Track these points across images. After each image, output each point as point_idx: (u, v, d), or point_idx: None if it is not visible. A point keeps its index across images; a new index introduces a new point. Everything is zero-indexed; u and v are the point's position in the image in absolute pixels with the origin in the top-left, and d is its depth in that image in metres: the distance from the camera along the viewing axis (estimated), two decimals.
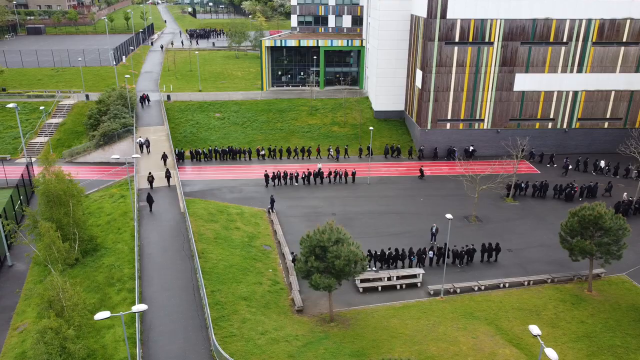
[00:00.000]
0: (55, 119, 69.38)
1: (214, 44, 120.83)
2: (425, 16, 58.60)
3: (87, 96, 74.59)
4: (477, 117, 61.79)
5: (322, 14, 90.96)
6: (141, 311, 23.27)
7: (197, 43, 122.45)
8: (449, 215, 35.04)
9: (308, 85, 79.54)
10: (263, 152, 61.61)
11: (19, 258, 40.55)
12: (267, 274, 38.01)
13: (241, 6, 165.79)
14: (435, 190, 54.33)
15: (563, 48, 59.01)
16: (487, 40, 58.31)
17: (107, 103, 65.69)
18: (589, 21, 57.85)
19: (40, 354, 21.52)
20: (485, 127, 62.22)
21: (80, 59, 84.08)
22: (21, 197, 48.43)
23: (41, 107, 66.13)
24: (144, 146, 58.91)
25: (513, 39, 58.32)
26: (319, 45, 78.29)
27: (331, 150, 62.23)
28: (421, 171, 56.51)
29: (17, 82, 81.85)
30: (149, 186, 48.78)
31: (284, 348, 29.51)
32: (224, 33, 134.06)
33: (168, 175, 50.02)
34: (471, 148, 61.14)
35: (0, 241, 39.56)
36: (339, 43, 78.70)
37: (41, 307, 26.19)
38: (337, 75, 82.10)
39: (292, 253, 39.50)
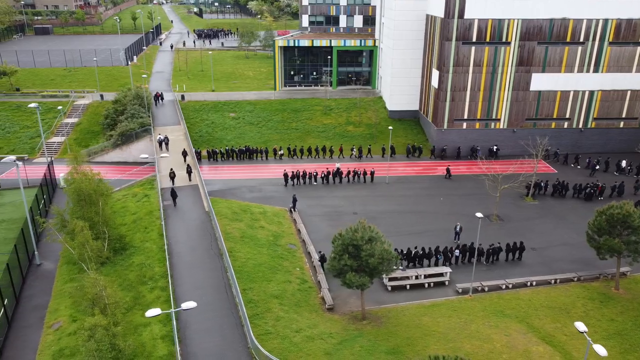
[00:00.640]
0: (71, 118, 69.57)
1: (222, 44, 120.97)
2: (442, 16, 58.81)
3: (101, 96, 74.79)
4: (494, 117, 62.02)
5: (334, 14, 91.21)
6: (190, 308, 23.46)
7: (210, 43, 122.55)
8: (479, 214, 35.28)
9: (321, 85, 79.81)
10: (282, 152, 61.78)
11: (45, 257, 40.75)
12: (294, 272, 38.22)
13: (247, 6, 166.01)
14: (454, 189, 54.55)
15: (580, 48, 59.24)
16: (504, 40, 58.53)
17: (123, 103, 65.91)
18: (606, 21, 58.08)
19: (92, 351, 21.72)
20: (501, 126, 62.45)
21: (95, 59, 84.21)
22: (45, 196, 48.61)
23: (59, 107, 66.38)
24: (163, 143, 59.21)
25: (530, 39, 58.55)
26: (332, 45, 78.48)
27: (354, 149, 62.37)
28: (448, 171, 56.64)
29: (30, 82, 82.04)
30: (171, 182, 49.24)
31: (320, 346, 29.73)
32: (231, 33, 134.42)
33: (189, 171, 50.42)
34: (495, 147, 61.32)
35: (29, 240, 39.74)
36: (352, 43, 78.91)
37: (85, 305, 26.37)
38: (350, 75, 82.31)
39: (319, 252, 39.70)
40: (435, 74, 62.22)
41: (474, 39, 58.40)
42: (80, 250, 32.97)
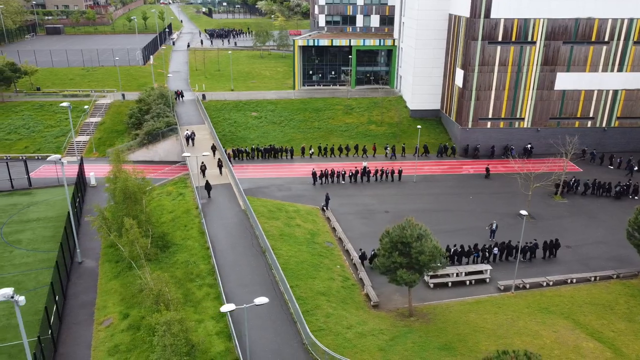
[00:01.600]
0: (94, 118, 69.81)
1: (235, 43, 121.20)
2: (467, 16, 59.12)
3: (123, 95, 75.02)
4: (518, 116, 62.35)
5: (350, 13, 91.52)
6: (263, 304, 23.77)
7: (228, 42, 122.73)
8: (523, 212, 35.58)
9: (339, 85, 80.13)
10: (312, 151, 62.15)
11: (85, 254, 41.02)
12: (335, 270, 38.52)
13: (256, 6, 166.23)
14: (482, 188, 54.87)
15: (604, 47, 59.57)
16: (529, 39, 58.85)
17: (147, 102, 66.15)
18: (631, 20, 58.39)
19: (167, 346, 21.97)
20: (525, 125, 62.77)
21: (117, 58, 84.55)
22: (79, 195, 48.90)
23: (85, 107, 66.63)
24: (190, 139, 59.67)
25: (555, 39, 58.88)
26: (352, 44, 78.76)
27: (388, 148, 62.63)
28: (487, 170, 56.86)
29: (50, 81, 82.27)
30: (202, 175, 49.95)
31: (372, 342, 30.03)
32: (243, 33, 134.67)
33: (220, 165, 50.90)
34: (529, 146, 61.62)
35: (71, 238, 40.04)
36: (371, 42, 79.20)
37: (151, 301, 26.62)
38: (368, 75, 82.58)
39: (360, 249, 39.96)
40: (459, 73, 62.51)
41: (500, 39, 58.71)
42: (130, 247, 33.19)
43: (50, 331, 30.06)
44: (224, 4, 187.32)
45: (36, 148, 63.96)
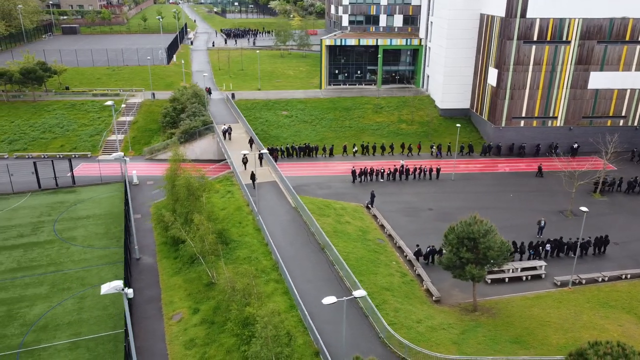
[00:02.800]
0: (127, 117, 70.25)
1: (254, 43, 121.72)
2: (502, 15, 59.67)
3: (152, 94, 75.48)
4: (551, 115, 62.93)
5: (374, 13, 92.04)
6: (362, 296, 24.33)
7: (248, 42, 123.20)
8: (583, 208, 36.11)
9: (364, 84, 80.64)
10: (355, 149, 62.80)
11: (141, 251, 41.53)
12: (392, 266, 39.04)
13: (269, 6, 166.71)
14: (520, 186, 55.41)
15: (638, 47, 60.14)
16: (564, 39, 59.44)
17: (181, 101, 66.61)
18: None
19: (268, 338, 22.46)
20: (558, 124, 63.35)
21: (149, 57, 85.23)
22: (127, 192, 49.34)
23: (123, 105, 67.09)
24: (227, 133, 60.41)
25: (590, 38, 59.46)
26: (379, 44, 79.28)
27: (434, 147, 63.15)
28: (540, 169, 57.37)
29: (77, 80, 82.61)
30: (244, 167, 51.62)
31: (444, 335, 30.56)
32: (259, 32, 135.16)
33: (260, 157, 51.81)
34: (575, 145, 62.17)
35: (130, 234, 40.55)
36: (398, 42, 79.75)
37: (239, 295, 27.07)
38: (393, 74, 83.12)
39: (417, 245, 40.47)
40: (492, 72, 63.05)
41: (535, 38, 59.28)
42: (201, 244, 33.67)
43: (126, 326, 30.51)
44: (236, 3, 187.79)
45: (72, 147, 64.38)
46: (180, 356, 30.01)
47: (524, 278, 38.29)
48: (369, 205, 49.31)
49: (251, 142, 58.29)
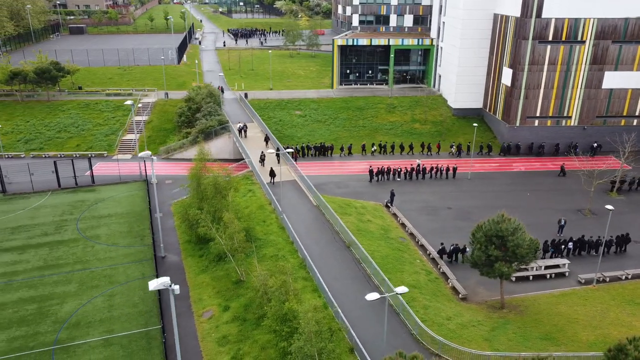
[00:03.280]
0: (141, 116, 70.51)
1: (262, 43, 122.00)
2: (517, 15, 59.97)
3: (166, 94, 75.76)
4: (565, 114, 63.24)
5: (384, 13, 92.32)
6: (404, 292, 24.67)
7: (262, 43, 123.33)
8: (609, 207, 36.43)
9: (375, 84, 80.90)
10: (374, 149, 63.19)
11: (165, 249, 41.83)
12: (416, 264, 39.33)
13: (274, 6, 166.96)
14: (536, 185, 55.71)
15: None
16: (579, 39, 59.75)
17: (196, 101, 66.89)
18: None
19: (312, 334, 22.75)
20: (572, 123, 63.67)
21: (162, 57, 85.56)
22: (148, 191, 49.66)
23: (139, 105, 67.31)
24: (242, 130, 60.93)
25: (605, 38, 59.78)
26: (390, 44, 79.56)
27: (453, 146, 63.52)
28: (562, 168, 57.58)
29: (89, 80, 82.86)
30: (261, 164, 52.54)
31: (475, 332, 30.86)
32: (266, 32, 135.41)
33: (277, 154, 52.24)
34: (595, 144, 62.48)
35: (157, 233, 40.83)
36: (410, 42, 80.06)
37: (277, 292, 27.34)
38: (404, 74, 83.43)
39: (441, 244, 40.74)
40: (507, 72, 63.34)
41: (550, 38, 59.59)
42: (229, 241, 33.95)
43: (162, 322, 30.85)
44: (241, 3, 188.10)
45: (88, 146, 64.61)
46: (214, 353, 30.29)
47: (548, 276, 38.59)
48: (389, 204, 49.61)
49: (266, 140, 58.80)
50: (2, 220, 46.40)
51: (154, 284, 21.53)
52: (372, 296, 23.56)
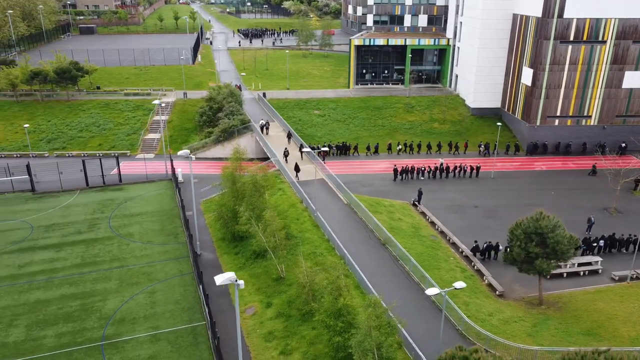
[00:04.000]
0: (161, 116, 70.84)
1: (273, 43, 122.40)
2: (538, 15, 60.42)
3: (184, 94, 76.16)
4: (585, 114, 63.69)
5: (399, 13, 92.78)
6: (462, 287, 25.11)
7: (273, 43, 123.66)
8: None
9: (392, 83, 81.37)
10: (400, 147, 63.71)
11: (200, 247, 42.23)
12: (450, 261, 39.74)
13: (282, 6, 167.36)
14: (559, 183, 56.17)
15: None
16: (600, 39, 60.21)
17: (217, 100, 67.28)
18: None
19: (371, 328, 23.14)
20: (592, 123, 64.12)
21: (182, 57, 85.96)
22: (177, 190, 50.07)
23: (162, 104, 67.71)
24: (264, 128, 61.56)
25: (625, 38, 60.24)
26: (407, 44, 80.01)
27: (482, 145, 63.95)
28: (594, 167, 58.06)
29: (106, 80, 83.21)
30: (285, 161, 53.57)
31: (518, 328, 31.28)
32: (277, 33, 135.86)
33: (301, 150, 52.56)
34: (623, 144, 62.98)
35: (192, 230, 41.21)
36: (426, 42, 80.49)
37: (330, 288, 27.74)
38: (420, 74, 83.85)
39: (475, 241, 41.14)
40: (527, 72, 63.77)
41: (572, 38, 60.04)
42: (270, 238, 34.34)
43: (209, 319, 31.22)
44: (248, 3, 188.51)
45: (110, 146, 65.01)
46: (260, 348, 30.69)
47: (581, 273, 39.00)
48: (416, 203, 50.02)
49: (289, 136, 59.43)
50: (35, 219, 46.80)
51: (220, 279, 21.84)
52: (432, 291, 23.99)
